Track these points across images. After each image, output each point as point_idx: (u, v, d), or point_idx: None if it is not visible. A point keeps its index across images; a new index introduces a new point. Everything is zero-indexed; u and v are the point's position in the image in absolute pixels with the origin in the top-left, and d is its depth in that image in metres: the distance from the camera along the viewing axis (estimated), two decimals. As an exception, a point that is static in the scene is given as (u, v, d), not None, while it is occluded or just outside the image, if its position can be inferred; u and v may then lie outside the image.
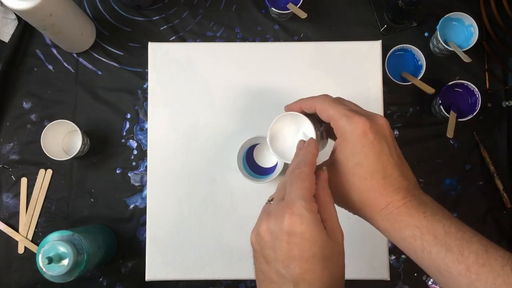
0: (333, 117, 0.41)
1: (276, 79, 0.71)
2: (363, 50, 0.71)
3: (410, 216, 0.38)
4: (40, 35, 0.85)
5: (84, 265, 0.64)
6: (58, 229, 0.67)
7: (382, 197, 0.39)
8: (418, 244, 0.37)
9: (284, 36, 0.85)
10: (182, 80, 0.71)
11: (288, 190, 0.38)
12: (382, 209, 0.39)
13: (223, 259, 0.68)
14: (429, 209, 0.38)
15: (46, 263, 0.61)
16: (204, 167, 0.70)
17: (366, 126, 0.39)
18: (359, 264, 0.68)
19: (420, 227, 0.37)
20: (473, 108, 0.77)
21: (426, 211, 0.38)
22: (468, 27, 0.81)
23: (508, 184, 0.81)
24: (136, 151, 0.82)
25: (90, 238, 0.68)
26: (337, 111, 0.41)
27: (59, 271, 0.62)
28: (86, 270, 0.66)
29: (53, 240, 0.64)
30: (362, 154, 0.39)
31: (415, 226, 0.37)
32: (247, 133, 0.67)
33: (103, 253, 0.72)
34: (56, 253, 0.62)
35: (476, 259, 0.35)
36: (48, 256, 0.61)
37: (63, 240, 0.63)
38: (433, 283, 0.78)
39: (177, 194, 0.70)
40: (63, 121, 0.77)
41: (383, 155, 0.39)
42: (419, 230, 0.37)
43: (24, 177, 0.81)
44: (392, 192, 0.39)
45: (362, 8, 0.86)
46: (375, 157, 0.39)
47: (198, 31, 0.85)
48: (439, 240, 0.36)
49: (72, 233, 0.66)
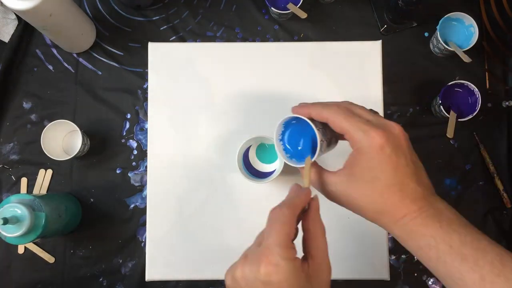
0: (348, 131, 0.40)
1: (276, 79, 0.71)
2: (363, 50, 0.71)
3: (425, 227, 0.38)
4: (40, 35, 0.85)
5: (41, 230, 0.65)
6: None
7: (398, 209, 0.39)
8: (433, 254, 0.37)
9: (284, 36, 0.85)
10: (182, 80, 0.71)
11: (266, 234, 0.37)
12: (398, 220, 0.39)
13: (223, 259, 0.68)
14: (445, 219, 0.38)
15: (1, 223, 0.62)
16: (204, 167, 0.70)
17: (383, 140, 0.38)
18: (359, 264, 0.68)
19: (435, 237, 0.37)
20: (473, 108, 0.77)
21: (442, 221, 0.38)
22: (468, 27, 0.81)
23: (508, 184, 0.81)
24: (136, 151, 0.82)
25: (51, 205, 0.69)
26: (351, 124, 0.39)
27: (14, 232, 0.63)
28: (43, 235, 0.67)
29: (12, 202, 0.65)
30: (379, 168, 0.38)
31: (430, 236, 0.37)
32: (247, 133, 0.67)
33: (64, 221, 0.73)
34: (13, 215, 0.63)
35: (491, 269, 0.35)
36: (4, 217, 0.62)
37: (23, 204, 0.64)
38: (433, 283, 0.78)
39: (177, 194, 0.70)
40: (63, 121, 0.77)
41: (400, 167, 0.38)
42: (435, 240, 0.37)
43: (24, 177, 0.81)
44: (409, 203, 0.38)
45: (362, 8, 0.86)
46: (392, 171, 0.38)
47: (198, 31, 0.85)
48: (454, 250, 0.36)
49: (33, 198, 0.67)
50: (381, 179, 0.38)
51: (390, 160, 0.38)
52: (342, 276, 0.68)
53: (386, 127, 0.39)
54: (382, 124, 0.40)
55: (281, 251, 0.35)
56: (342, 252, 0.67)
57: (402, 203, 0.38)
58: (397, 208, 0.39)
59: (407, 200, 0.38)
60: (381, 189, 0.38)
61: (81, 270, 0.79)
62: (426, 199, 0.39)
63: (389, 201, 0.39)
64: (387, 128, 0.39)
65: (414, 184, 0.39)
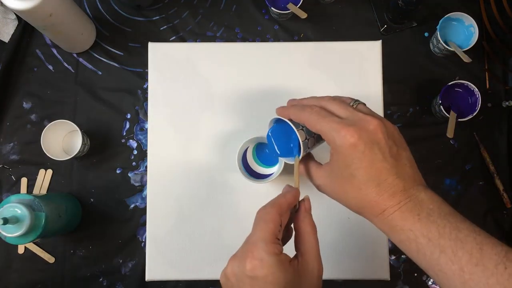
0: (322, 131, 0.41)
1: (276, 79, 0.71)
2: (363, 50, 0.71)
3: (404, 220, 0.38)
4: (40, 35, 0.85)
5: (41, 230, 0.65)
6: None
7: (377, 204, 0.39)
8: (413, 247, 0.38)
9: (284, 36, 0.85)
10: (182, 80, 0.71)
11: (252, 231, 0.39)
12: (378, 215, 0.39)
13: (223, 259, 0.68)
14: (424, 210, 0.38)
15: (1, 223, 0.62)
16: (204, 167, 0.70)
17: (355, 138, 0.38)
18: (359, 264, 0.68)
19: (414, 230, 0.37)
20: (473, 108, 0.77)
21: (421, 213, 0.38)
22: (468, 27, 0.81)
23: (508, 184, 0.81)
24: (136, 151, 0.82)
25: (51, 205, 0.69)
26: (324, 125, 0.40)
27: (14, 232, 0.63)
28: (43, 235, 0.67)
29: (12, 202, 0.65)
30: (353, 166, 0.39)
31: (409, 229, 0.38)
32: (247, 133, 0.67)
33: (64, 222, 0.72)
34: (13, 215, 0.63)
35: (470, 259, 0.35)
36: (4, 217, 0.62)
37: (23, 204, 0.64)
38: (433, 283, 0.78)
39: (177, 194, 0.70)
40: (63, 121, 0.77)
41: (376, 162, 0.39)
42: (413, 233, 0.37)
43: (24, 177, 0.81)
44: (387, 198, 0.39)
45: (362, 8, 0.86)
46: (368, 167, 0.39)
47: (198, 31, 0.85)
48: (432, 243, 0.37)
49: (33, 198, 0.67)
50: (357, 176, 0.39)
51: (364, 157, 0.38)
52: (342, 276, 0.68)
53: (361, 124, 0.39)
54: (356, 120, 0.40)
55: (265, 246, 0.36)
56: (342, 252, 0.67)
57: (380, 198, 0.39)
58: (376, 203, 0.39)
59: (385, 195, 0.39)
60: (358, 185, 0.39)
61: (81, 270, 0.79)
62: (407, 192, 0.39)
63: (367, 197, 0.39)
64: (361, 125, 0.39)
65: (393, 178, 0.39)
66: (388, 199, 0.39)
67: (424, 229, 0.37)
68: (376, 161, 0.39)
